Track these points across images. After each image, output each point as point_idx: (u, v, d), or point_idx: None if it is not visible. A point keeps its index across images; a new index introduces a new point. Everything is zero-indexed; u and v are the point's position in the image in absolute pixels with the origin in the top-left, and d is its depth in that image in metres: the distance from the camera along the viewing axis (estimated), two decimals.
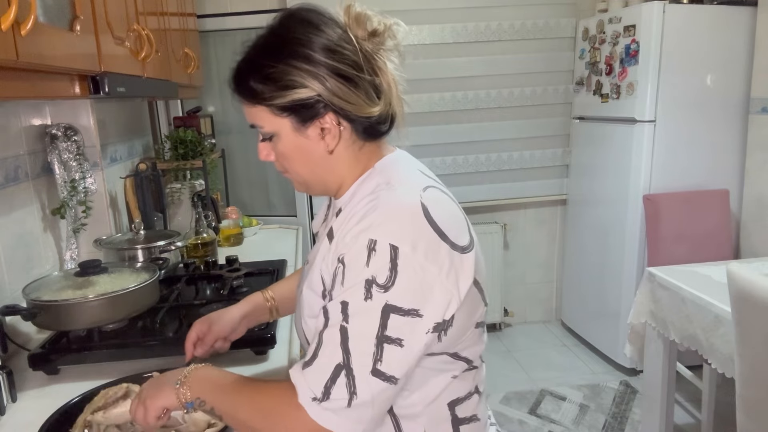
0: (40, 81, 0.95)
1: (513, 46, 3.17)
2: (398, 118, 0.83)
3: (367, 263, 0.70)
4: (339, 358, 0.70)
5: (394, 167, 0.83)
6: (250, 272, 1.64)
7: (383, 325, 0.70)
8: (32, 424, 0.91)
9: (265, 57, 0.78)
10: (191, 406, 0.80)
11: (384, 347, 0.70)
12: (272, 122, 0.79)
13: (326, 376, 0.70)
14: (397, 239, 0.70)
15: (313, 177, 0.84)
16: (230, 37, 2.95)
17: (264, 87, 0.77)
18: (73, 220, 1.56)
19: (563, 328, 3.51)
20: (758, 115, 2.65)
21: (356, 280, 0.71)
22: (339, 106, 0.76)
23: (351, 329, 0.70)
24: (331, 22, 0.78)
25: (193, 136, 2.23)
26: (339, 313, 0.71)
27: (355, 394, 0.69)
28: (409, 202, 0.74)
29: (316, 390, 0.70)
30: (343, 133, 0.79)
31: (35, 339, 1.31)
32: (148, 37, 1.39)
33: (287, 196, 3.11)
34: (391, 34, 0.80)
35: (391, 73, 0.80)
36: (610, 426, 2.49)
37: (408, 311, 0.70)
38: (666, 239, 2.60)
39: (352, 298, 0.71)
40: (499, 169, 3.31)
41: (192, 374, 0.82)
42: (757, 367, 1.37)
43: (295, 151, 0.81)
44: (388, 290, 0.70)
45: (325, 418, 0.70)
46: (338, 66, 0.75)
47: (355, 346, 0.70)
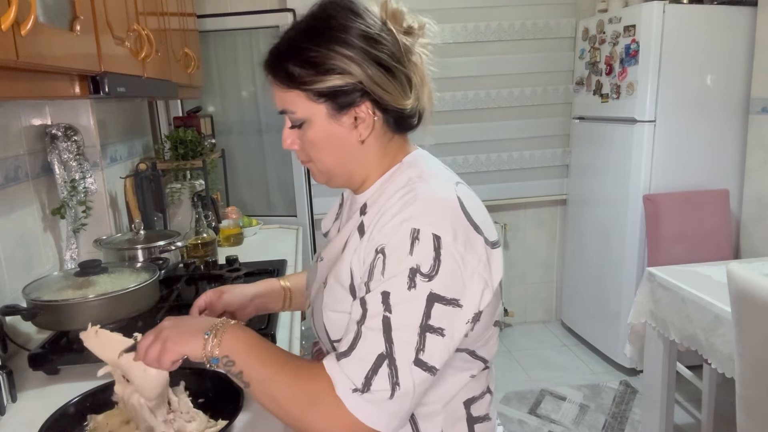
0: (40, 81, 0.95)
1: (513, 46, 3.17)
2: (426, 115, 0.84)
3: (411, 252, 0.70)
4: (381, 347, 0.69)
5: (422, 163, 0.84)
6: (250, 272, 1.64)
7: (427, 314, 0.69)
8: (32, 424, 0.91)
9: (306, 41, 0.76)
10: (216, 362, 0.75)
11: (426, 336, 0.70)
12: (306, 108, 0.78)
13: (367, 366, 0.69)
14: (439, 229, 0.71)
15: (339, 167, 0.83)
16: (230, 37, 2.94)
17: (303, 71, 0.76)
18: (73, 220, 1.56)
19: (563, 328, 3.51)
20: (758, 115, 2.65)
21: (399, 269, 0.70)
22: (378, 95, 0.76)
23: (394, 319, 0.69)
24: (371, 12, 0.79)
25: (193, 136, 2.23)
26: (380, 303, 0.70)
27: (398, 385, 0.69)
28: (446, 195, 0.76)
29: (357, 380, 0.69)
30: (376, 123, 0.79)
31: (35, 339, 1.31)
32: (148, 37, 1.38)
33: (287, 196, 3.11)
34: (424, 32, 0.81)
35: (423, 69, 0.81)
36: (610, 426, 2.49)
37: (450, 300, 0.71)
38: (666, 239, 2.60)
39: (394, 288, 0.70)
40: (499, 169, 3.31)
41: (226, 328, 0.77)
42: (757, 367, 1.37)
43: (326, 139, 0.80)
44: (432, 279, 0.70)
45: (365, 411, 0.69)
46: (378, 54, 0.75)
47: (398, 336, 0.69)
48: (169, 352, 0.77)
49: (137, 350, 0.81)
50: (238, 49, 2.98)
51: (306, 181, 2.98)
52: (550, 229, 3.54)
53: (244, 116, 3.10)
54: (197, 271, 1.71)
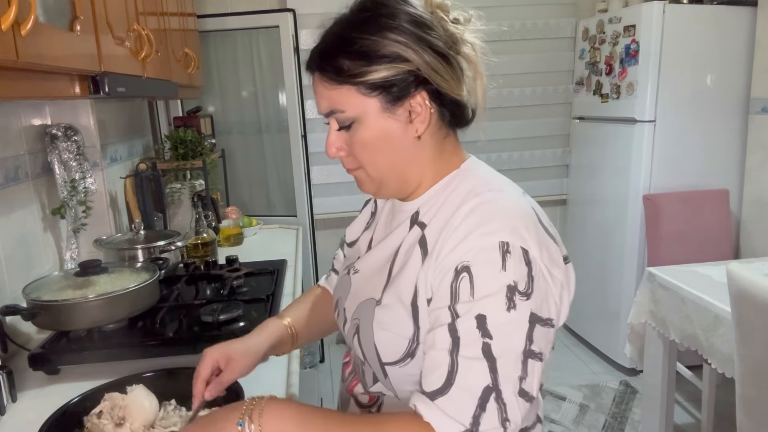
0: (40, 81, 0.95)
1: (513, 46, 3.17)
2: (479, 111, 0.79)
3: (504, 267, 0.63)
4: (487, 379, 0.61)
5: (482, 171, 0.79)
6: (250, 272, 1.64)
7: (529, 337, 0.63)
8: (32, 424, 0.91)
9: (356, 31, 0.71)
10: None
11: (528, 363, 0.63)
12: (358, 104, 0.71)
13: (474, 402, 0.61)
14: (526, 243, 0.65)
15: (393, 170, 0.76)
16: (230, 37, 2.95)
17: (354, 63, 0.70)
18: (73, 220, 1.56)
19: (563, 328, 3.51)
20: (758, 115, 2.65)
21: (492, 288, 0.63)
22: (436, 82, 0.71)
23: (495, 345, 0.62)
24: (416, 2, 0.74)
25: (193, 136, 2.23)
26: (475, 329, 0.62)
27: (508, 421, 0.61)
28: (524, 207, 0.71)
29: (464, 420, 0.60)
30: (431, 116, 0.73)
31: (35, 339, 1.31)
32: (148, 37, 1.38)
33: (287, 196, 3.11)
34: (470, 25, 0.77)
35: (477, 61, 0.77)
36: (610, 426, 2.49)
37: (546, 321, 0.65)
38: (666, 239, 2.60)
39: (490, 310, 0.63)
40: (499, 169, 3.23)
41: (263, 408, 0.66)
42: (757, 367, 1.37)
43: (380, 137, 0.73)
44: (530, 297, 0.64)
45: None
46: (432, 40, 0.71)
47: (503, 365, 0.62)
48: None
49: None
50: (238, 49, 2.99)
51: (306, 181, 2.99)
52: None
53: (244, 116, 3.10)
54: (197, 271, 1.71)
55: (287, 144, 2.97)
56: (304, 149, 2.96)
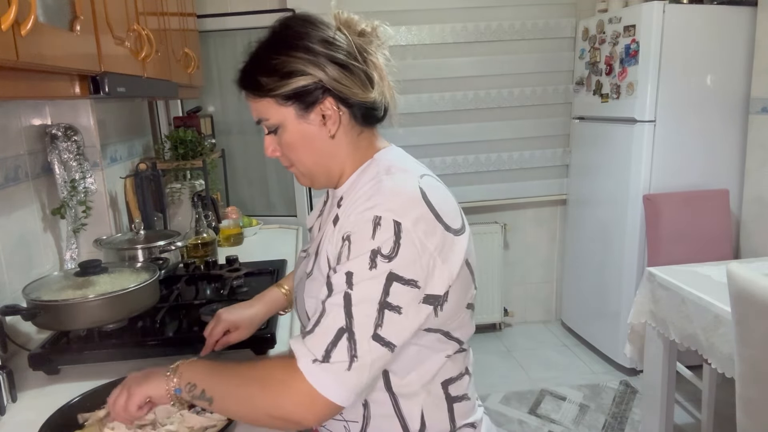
0: (40, 81, 0.95)
1: (513, 46, 3.17)
2: (391, 108, 0.90)
3: (373, 236, 0.76)
4: (342, 321, 0.74)
5: (392, 158, 0.90)
6: (250, 272, 1.64)
7: (386, 291, 0.74)
8: (32, 424, 0.91)
9: (268, 52, 0.84)
10: (179, 392, 0.82)
11: (385, 313, 0.74)
12: (277, 113, 0.85)
13: (328, 339, 0.73)
14: (399, 216, 0.76)
15: (317, 166, 0.89)
16: (230, 37, 2.95)
17: (269, 79, 0.83)
18: (73, 220, 1.56)
19: (563, 328, 3.51)
20: (758, 115, 2.65)
21: (362, 251, 0.76)
22: (338, 90, 0.83)
23: (355, 294, 0.74)
24: (326, 21, 0.87)
25: (193, 136, 2.23)
26: (343, 282, 0.75)
27: (355, 357, 0.73)
28: (409, 186, 0.81)
29: (317, 352, 0.73)
30: (342, 118, 0.85)
31: (35, 339, 1.31)
32: (148, 37, 1.38)
33: (287, 196, 3.11)
34: (376, 33, 0.88)
35: (382, 66, 0.87)
36: (610, 426, 2.49)
37: (408, 281, 0.75)
38: (666, 239, 2.60)
39: (356, 268, 0.75)
40: (499, 169, 3.31)
41: (184, 363, 0.85)
42: (757, 367, 1.37)
43: (300, 139, 0.86)
44: (391, 260, 0.75)
45: (322, 381, 0.72)
46: (334, 54, 0.82)
47: (358, 311, 0.74)
48: (133, 397, 0.83)
49: (107, 403, 0.88)
50: (238, 49, 2.98)
51: None
52: (550, 229, 3.54)
53: (244, 116, 3.09)
54: (197, 271, 1.70)
55: None
56: None
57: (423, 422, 0.86)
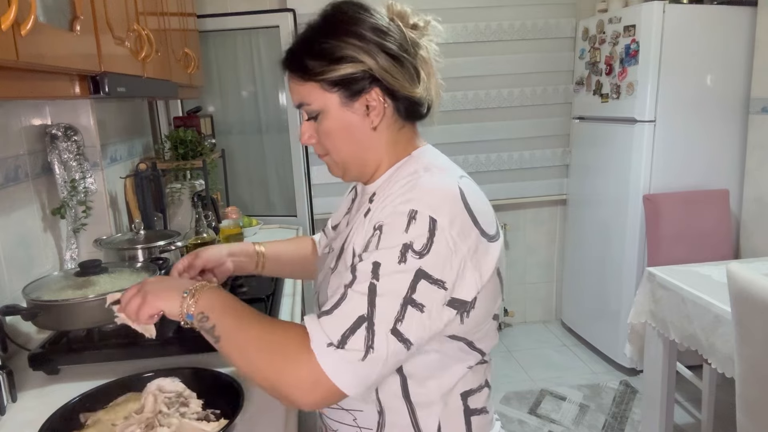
0: (40, 81, 0.95)
1: (513, 46, 3.17)
2: (434, 107, 0.88)
3: (406, 230, 0.73)
4: (363, 310, 0.71)
5: (430, 156, 0.88)
6: None
7: (412, 287, 0.72)
8: (32, 424, 0.91)
9: (319, 35, 0.82)
10: (191, 318, 0.79)
11: (407, 309, 0.72)
12: (321, 98, 0.82)
13: (346, 325, 0.71)
14: (436, 213, 0.74)
15: (353, 156, 0.87)
16: (230, 37, 2.95)
17: (316, 63, 0.81)
18: (73, 220, 1.56)
19: (563, 328, 3.51)
20: (758, 115, 2.65)
21: (393, 243, 0.73)
22: (386, 81, 0.81)
23: (380, 286, 0.72)
24: (379, 10, 0.84)
25: (193, 136, 2.23)
26: (369, 271, 0.73)
27: (372, 348, 0.70)
28: (449, 185, 0.79)
29: (333, 336, 0.71)
30: (386, 110, 0.83)
31: (35, 339, 1.31)
32: (148, 37, 1.39)
33: (287, 196, 3.11)
34: (428, 30, 0.86)
35: (431, 62, 0.86)
36: (610, 426, 2.49)
37: (436, 280, 0.73)
38: (666, 239, 2.60)
39: (385, 259, 0.73)
40: (499, 169, 3.31)
41: (203, 289, 0.81)
42: (757, 367, 1.37)
43: (340, 128, 0.84)
44: (422, 257, 0.72)
45: (335, 367, 0.70)
46: (386, 44, 0.80)
47: (381, 302, 0.71)
48: (147, 305, 0.82)
49: (121, 300, 0.87)
50: (238, 49, 2.99)
51: (306, 181, 2.99)
52: (550, 229, 3.54)
53: (244, 116, 3.10)
54: None
55: (287, 144, 2.97)
56: (304, 149, 2.96)
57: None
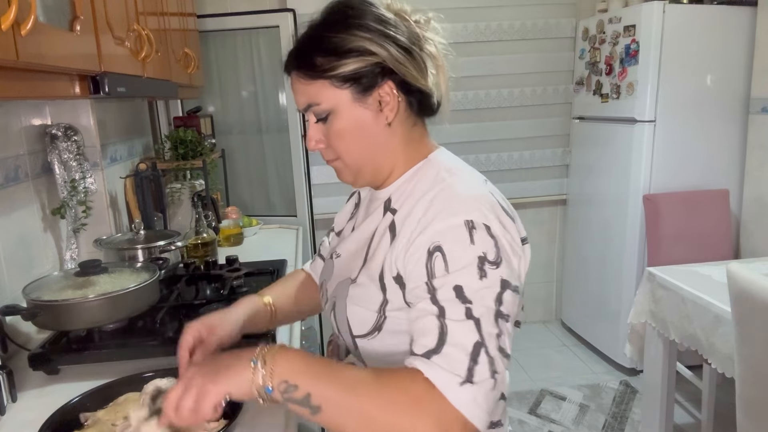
0: (40, 81, 0.95)
1: (513, 46, 3.17)
2: (444, 103, 0.86)
3: (472, 241, 0.70)
4: (476, 336, 0.66)
5: (448, 159, 0.86)
6: (250, 272, 1.64)
7: (498, 300, 0.69)
8: (32, 424, 0.91)
9: (326, 30, 0.79)
10: (270, 391, 0.66)
11: (500, 322, 0.68)
12: (332, 96, 0.78)
13: (467, 357, 0.65)
14: (487, 219, 0.72)
15: (367, 158, 0.82)
16: (230, 37, 2.95)
17: (326, 59, 0.77)
18: (73, 220, 1.56)
19: (563, 328, 3.51)
20: (758, 115, 2.65)
21: (466, 260, 0.69)
22: (400, 72, 0.78)
23: (476, 309, 0.67)
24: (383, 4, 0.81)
25: (193, 136, 2.23)
26: (454, 298, 0.68)
27: (496, 372, 0.66)
28: (481, 191, 0.77)
29: (461, 371, 0.64)
30: (400, 104, 0.80)
31: (35, 339, 1.31)
32: (148, 37, 1.39)
33: (287, 196, 3.11)
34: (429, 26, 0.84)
35: (439, 57, 0.84)
36: (610, 426, 2.49)
37: (515, 288, 0.71)
38: (666, 239, 2.60)
39: (466, 281, 0.68)
40: (499, 169, 3.31)
41: (274, 352, 0.69)
42: (757, 367, 1.37)
43: (353, 127, 0.80)
44: (499, 266, 0.70)
45: (472, 405, 0.63)
46: (396, 35, 0.78)
47: (484, 324, 0.67)
48: (208, 396, 0.67)
49: (165, 408, 0.70)
50: (238, 49, 2.99)
51: (306, 181, 2.99)
52: (550, 229, 3.54)
53: (244, 116, 3.10)
54: (197, 271, 1.70)
55: (287, 144, 2.97)
56: (304, 149, 2.96)
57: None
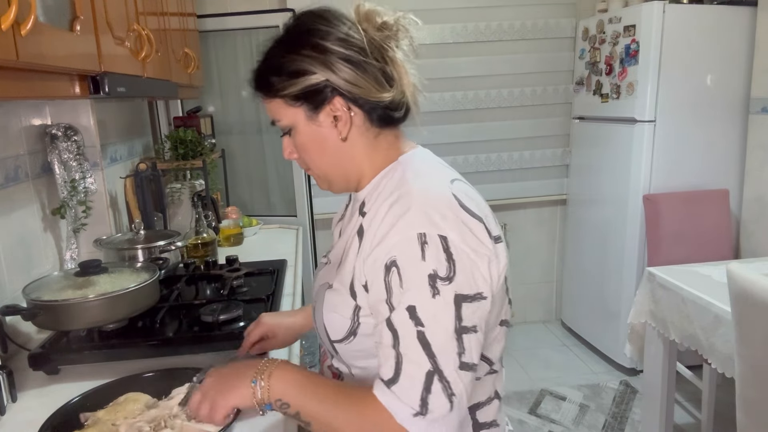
0: (40, 81, 0.95)
1: (513, 46, 3.17)
2: (413, 108, 0.86)
3: (423, 257, 0.69)
4: (427, 365, 0.68)
5: (418, 161, 0.85)
6: (250, 272, 1.64)
7: (458, 317, 0.69)
8: (32, 424, 0.91)
9: (278, 50, 0.81)
10: (269, 408, 0.77)
11: (463, 339, 0.69)
12: (288, 114, 0.81)
13: (419, 387, 0.68)
14: (442, 229, 0.71)
15: (332, 168, 0.85)
16: (230, 37, 2.95)
17: (278, 79, 0.80)
18: (73, 220, 1.56)
19: (563, 328, 3.51)
20: (758, 115, 2.65)
21: (417, 278, 0.69)
22: (347, 90, 0.78)
23: (428, 332, 0.68)
24: (341, 16, 0.81)
25: (193, 136, 2.23)
26: (408, 320, 0.69)
27: (453, 395, 0.68)
28: (442, 194, 0.76)
29: (413, 404, 0.68)
30: (354, 119, 0.80)
31: (35, 339, 1.31)
32: (148, 37, 1.38)
33: (287, 196, 3.11)
34: (400, 26, 0.83)
35: (402, 63, 0.83)
36: (610, 426, 2.49)
37: (474, 297, 0.71)
38: (666, 239, 2.60)
39: (418, 300, 0.69)
40: (499, 169, 3.31)
41: (272, 370, 0.78)
42: (757, 367, 1.37)
43: (312, 141, 0.82)
44: (452, 281, 0.69)
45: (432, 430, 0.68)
46: (345, 52, 0.77)
47: (438, 348, 0.68)
48: (218, 408, 0.79)
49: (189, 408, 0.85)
50: (238, 49, 2.99)
51: (306, 181, 2.98)
52: (550, 229, 3.54)
53: (244, 116, 3.10)
54: (197, 271, 1.70)
55: None
56: None
57: None
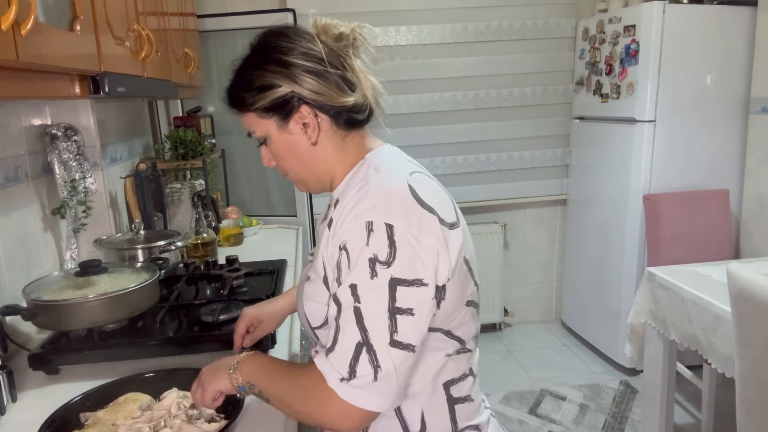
0: (40, 81, 0.95)
1: (513, 46, 3.17)
2: (376, 109, 0.91)
3: (368, 243, 0.76)
4: (358, 336, 0.75)
5: (381, 158, 0.90)
6: (250, 272, 1.64)
7: (392, 298, 0.75)
8: (32, 424, 0.91)
9: (246, 68, 0.90)
10: (243, 390, 0.88)
11: (397, 318, 0.75)
12: (261, 125, 0.89)
13: (349, 355, 0.76)
14: (390, 218, 0.77)
15: (306, 172, 0.92)
16: (230, 37, 2.94)
17: (248, 94, 0.87)
18: (73, 220, 1.56)
19: (563, 328, 3.51)
20: (758, 115, 2.65)
21: (360, 261, 0.76)
22: (312, 98, 0.85)
23: (363, 308, 0.76)
24: (301, 32, 0.89)
25: (193, 136, 2.23)
26: (350, 296, 0.77)
27: (379, 367, 0.75)
28: (397, 185, 0.82)
29: (342, 370, 0.76)
30: (321, 124, 0.87)
31: (35, 339, 1.31)
32: (148, 37, 1.39)
33: (287, 196, 3.11)
34: (356, 34, 0.89)
35: (359, 69, 0.89)
36: (610, 426, 2.49)
37: (412, 282, 0.76)
38: (666, 239, 2.60)
39: (359, 279, 0.76)
40: (499, 169, 3.31)
41: (243, 361, 0.89)
42: (757, 367, 1.37)
43: (285, 149, 0.89)
44: (390, 265, 0.75)
45: (355, 396, 0.75)
46: (307, 64, 0.85)
47: (370, 323, 0.75)
48: (207, 392, 0.90)
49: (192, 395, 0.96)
50: (238, 49, 2.95)
51: None
52: (550, 229, 3.54)
53: None
54: (197, 271, 1.71)
55: None
56: None
57: (423, 423, 0.86)
